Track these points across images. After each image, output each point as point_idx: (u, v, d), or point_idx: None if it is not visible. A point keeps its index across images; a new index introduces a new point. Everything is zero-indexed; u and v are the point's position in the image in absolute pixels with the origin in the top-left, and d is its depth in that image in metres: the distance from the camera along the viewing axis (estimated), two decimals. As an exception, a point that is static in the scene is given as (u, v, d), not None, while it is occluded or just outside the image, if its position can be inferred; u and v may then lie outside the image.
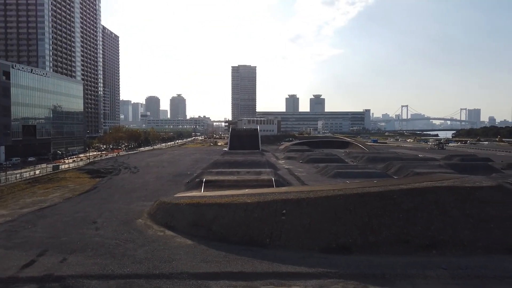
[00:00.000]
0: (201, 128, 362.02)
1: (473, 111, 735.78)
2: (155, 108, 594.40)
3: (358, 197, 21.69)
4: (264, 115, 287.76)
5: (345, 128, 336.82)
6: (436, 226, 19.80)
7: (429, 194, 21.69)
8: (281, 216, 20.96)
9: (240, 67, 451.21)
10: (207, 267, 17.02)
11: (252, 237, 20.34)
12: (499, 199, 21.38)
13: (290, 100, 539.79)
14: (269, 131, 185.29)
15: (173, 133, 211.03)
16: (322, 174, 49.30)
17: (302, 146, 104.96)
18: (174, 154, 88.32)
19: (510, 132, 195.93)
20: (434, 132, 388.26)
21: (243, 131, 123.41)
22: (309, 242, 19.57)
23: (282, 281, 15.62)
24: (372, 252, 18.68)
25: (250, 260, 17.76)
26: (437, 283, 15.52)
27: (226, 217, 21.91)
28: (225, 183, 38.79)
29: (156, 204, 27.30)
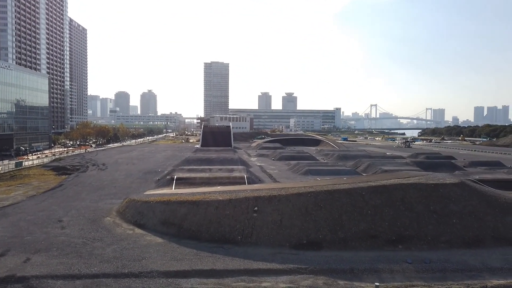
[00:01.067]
0: (172, 124, 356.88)
1: (438, 111, 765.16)
2: (125, 104, 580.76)
3: (329, 194, 22.09)
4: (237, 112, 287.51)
5: (316, 126, 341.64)
6: (402, 221, 20.48)
7: (396, 191, 22.40)
8: (253, 213, 21.05)
9: (213, 64, 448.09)
10: (178, 265, 16.86)
11: (223, 235, 20.31)
12: (460, 196, 22.37)
13: (263, 97, 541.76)
14: (242, 128, 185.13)
15: (144, 129, 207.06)
16: (294, 172, 49.83)
17: (274, 143, 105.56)
18: (144, 151, 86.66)
19: (472, 132, 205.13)
20: (401, 131, 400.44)
21: (215, 128, 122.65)
22: (280, 238, 19.76)
23: (253, 278, 15.71)
24: (342, 248, 19.10)
25: (221, 258, 17.74)
26: (402, 277, 16.07)
27: (197, 214, 21.76)
28: (196, 180, 38.47)
29: (125, 202, 26.73)
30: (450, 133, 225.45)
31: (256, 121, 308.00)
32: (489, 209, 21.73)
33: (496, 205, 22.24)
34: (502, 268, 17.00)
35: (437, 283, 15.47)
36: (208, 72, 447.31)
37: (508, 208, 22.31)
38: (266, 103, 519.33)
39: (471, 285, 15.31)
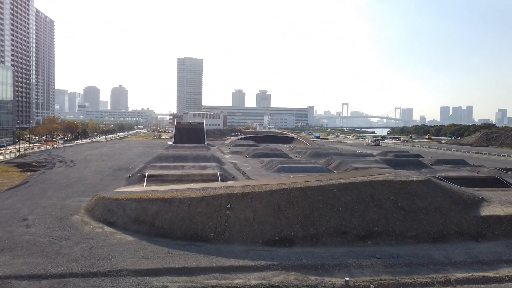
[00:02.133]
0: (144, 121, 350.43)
1: (406, 111, 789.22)
2: (95, 99, 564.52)
3: (301, 191, 22.36)
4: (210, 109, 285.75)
5: (289, 124, 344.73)
6: (371, 217, 21.02)
7: (366, 187, 22.95)
8: (226, 211, 21.01)
9: (186, 60, 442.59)
10: (149, 263, 16.60)
11: (196, 232, 20.17)
12: (427, 193, 23.20)
13: (237, 94, 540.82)
14: (215, 125, 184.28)
15: (114, 125, 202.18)
16: (267, 169, 50.07)
17: (248, 141, 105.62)
18: (114, 148, 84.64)
19: (438, 131, 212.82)
20: (371, 129, 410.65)
21: (188, 125, 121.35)
22: (253, 235, 19.83)
23: (225, 275, 15.70)
24: (313, 244, 19.39)
25: (193, 255, 17.62)
26: (371, 272, 16.52)
27: (169, 212, 21.49)
28: (169, 177, 37.95)
29: (95, 200, 26.04)
30: (418, 132, 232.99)
31: (230, 118, 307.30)
32: (453, 205, 22.65)
33: (459, 202, 23.22)
34: (465, 262, 17.77)
35: (404, 277, 15.99)
36: (181, 68, 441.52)
37: (471, 204, 23.34)
38: (240, 100, 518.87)
39: (435, 278, 15.92)
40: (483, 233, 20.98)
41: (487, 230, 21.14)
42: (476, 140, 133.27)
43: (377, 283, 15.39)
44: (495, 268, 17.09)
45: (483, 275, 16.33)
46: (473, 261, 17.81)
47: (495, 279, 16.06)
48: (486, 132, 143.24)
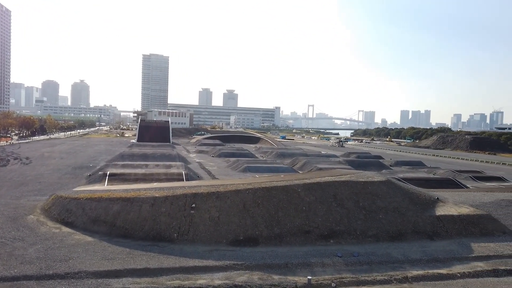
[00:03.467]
0: (106, 118, 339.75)
1: (369, 113, 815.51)
2: (54, 94, 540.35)
3: (266, 191, 22.49)
4: (176, 108, 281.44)
5: (256, 124, 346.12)
6: (334, 217, 21.50)
7: (329, 188, 23.45)
8: (191, 210, 20.76)
9: (152, 56, 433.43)
10: (109, 264, 16.10)
11: (159, 232, 19.79)
12: (386, 193, 24.03)
13: (204, 93, 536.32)
14: (181, 124, 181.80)
15: (74, 122, 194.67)
16: (233, 169, 49.98)
17: (214, 140, 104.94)
18: (74, 145, 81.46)
19: (398, 133, 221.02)
20: (335, 131, 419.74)
21: (153, 123, 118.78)
22: (217, 235, 19.72)
23: (188, 276, 15.52)
24: (277, 243, 19.56)
25: (156, 256, 17.27)
26: (333, 270, 16.90)
27: (131, 212, 20.94)
28: (131, 176, 37.00)
29: (52, 199, 24.92)
30: (379, 134, 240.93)
31: (196, 117, 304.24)
32: (411, 205, 23.60)
33: (417, 202, 24.23)
34: (421, 259, 18.57)
35: (363, 275, 16.48)
36: (147, 65, 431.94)
37: (427, 204, 24.43)
38: (207, 99, 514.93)
39: (393, 276, 16.52)
40: (438, 232, 22.00)
41: (442, 229, 22.20)
42: (433, 143, 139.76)
43: (338, 281, 15.76)
44: (448, 266, 17.97)
45: (437, 272, 17.13)
46: (428, 259, 18.64)
47: (448, 276, 16.89)
48: (442, 135, 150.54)
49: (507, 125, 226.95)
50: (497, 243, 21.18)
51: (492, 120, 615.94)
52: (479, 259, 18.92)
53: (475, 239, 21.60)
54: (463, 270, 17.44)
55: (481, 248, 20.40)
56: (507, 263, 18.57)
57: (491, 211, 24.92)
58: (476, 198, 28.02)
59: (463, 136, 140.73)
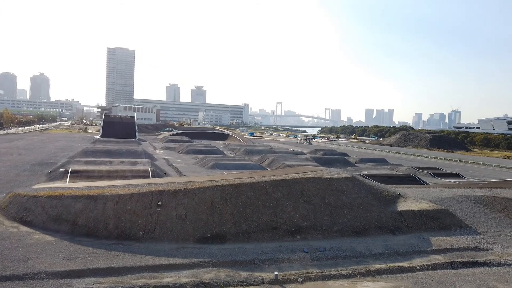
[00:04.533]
0: (68, 112, 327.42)
1: (335, 111, 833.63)
2: (11, 87, 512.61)
3: (234, 188, 22.47)
4: (143, 103, 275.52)
5: (225, 120, 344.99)
6: (300, 213, 21.82)
7: (296, 184, 23.76)
8: (157, 208, 20.40)
9: (117, 49, 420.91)
10: (71, 264, 15.54)
11: (124, 231, 19.30)
12: (351, 189, 24.66)
13: (171, 89, 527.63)
14: (148, 119, 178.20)
15: (34, 116, 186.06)
16: (201, 165, 49.58)
17: (181, 136, 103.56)
18: (34, 140, 77.85)
19: (363, 131, 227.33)
20: (303, 128, 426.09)
21: (118, 118, 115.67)
22: (184, 233, 19.51)
23: (154, 274, 15.26)
24: (245, 240, 19.62)
25: (120, 255, 16.85)
26: (299, 265, 17.17)
27: (94, 210, 20.29)
28: (95, 173, 35.85)
29: (9, 197, 23.68)
30: (345, 132, 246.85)
31: (163, 113, 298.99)
32: (374, 201, 24.36)
33: (380, 198, 25.04)
34: (383, 253, 19.23)
35: (329, 269, 16.86)
36: (112, 58, 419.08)
37: (389, 200, 25.30)
38: (175, 95, 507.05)
39: (357, 269, 17.01)
40: (399, 226, 22.84)
41: (403, 224, 23.07)
42: (396, 141, 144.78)
43: (305, 276, 16.03)
44: (409, 259, 18.72)
45: (399, 265, 17.81)
46: (390, 253, 19.32)
47: (408, 268, 17.60)
48: (404, 133, 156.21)
49: (464, 124, 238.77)
50: (454, 237, 22.28)
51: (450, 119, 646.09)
52: (438, 252, 19.84)
53: (433, 233, 22.62)
54: (422, 263, 18.22)
55: (439, 241, 21.39)
56: (463, 255, 19.59)
57: (448, 206, 26.18)
58: (435, 194, 29.33)
59: (424, 135, 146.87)
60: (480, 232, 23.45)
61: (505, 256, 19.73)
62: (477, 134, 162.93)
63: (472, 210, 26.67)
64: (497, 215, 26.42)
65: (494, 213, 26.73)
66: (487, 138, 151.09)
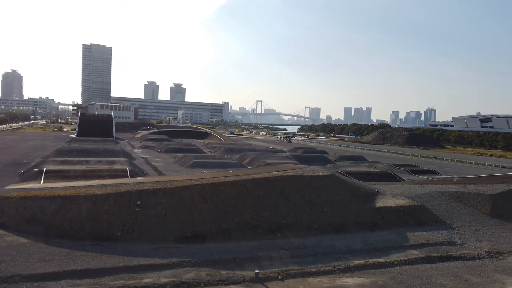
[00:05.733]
0: (43, 111, 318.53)
1: (315, 110, 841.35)
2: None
3: (214, 187, 22.36)
4: (120, 101, 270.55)
5: (204, 119, 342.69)
6: (281, 211, 21.91)
7: (277, 182, 23.85)
8: (136, 208, 20.07)
9: (93, 46, 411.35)
10: (46, 267, 15.11)
11: (101, 231, 18.91)
12: (331, 186, 24.94)
13: (149, 87, 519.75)
14: (125, 118, 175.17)
15: (6, 115, 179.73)
16: (180, 164, 49.12)
17: (160, 135, 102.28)
18: (6, 140, 75.30)
19: (342, 129, 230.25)
20: (283, 126, 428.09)
21: (94, 117, 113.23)
22: (164, 232, 19.28)
23: (133, 275, 15.01)
24: (225, 239, 19.55)
25: (98, 256, 16.50)
26: (280, 263, 17.24)
27: (71, 210, 19.79)
28: (71, 173, 34.98)
29: (-21, 198, 22.80)
30: (324, 130, 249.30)
31: (142, 111, 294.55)
32: (353, 198, 24.72)
33: (358, 194, 25.43)
34: (362, 249, 19.54)
35: (309, 266, 17.00)
36: (88, 55, 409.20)
37: (368, 196, 25.73)
38: (153, 93, 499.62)
39: (337, 266, 17.23)
40: (377, 222, 23.27)
41: (381, 220, 23.51)
42: (374, 138, 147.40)
43: (285, 273, 16.12)
44: (386, 254, 19.09)
45: (377, 261, 18.14)
46: (368, 249, 19.66)
47: (386, 264, 17.95)
48: (382, 131, 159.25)
49: (439, 122, 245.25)
50: (430, 232, 22.87)
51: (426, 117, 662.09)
52: (414, 247, 20.31)
53: (410, 229, 23.15)
54: (399, 258, 18.62)
55: (415, 237, 21.91)
56: (438, 250, 20.13)
57: (424, 202, 26.84)
58: (411, 190, 30.01)
59: (401, 132, 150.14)
60: (454, 227, 24.16)
61: (478, 250, 20.40)
62: (451, 132, 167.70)
63: (447, 205, 27.43)
64: (470, 210, 27.28)
65: (468, 208, 27.58)
66: (461, 136, 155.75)
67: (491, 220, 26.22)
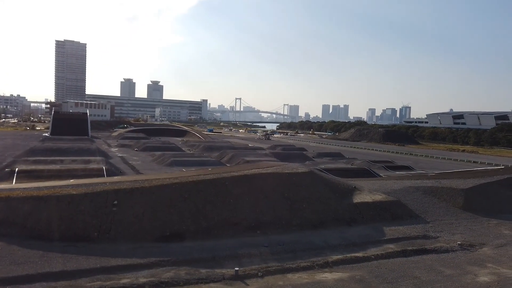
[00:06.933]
0: (14, 109, 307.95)
1: (293, 107, 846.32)
2: None
3: (193, 185, 22.20)
4: (96, 99, 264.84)
5: (183, 116, 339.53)
6: (260, 208, 21.98)
7: (256, 180, 23.90)
8: (112, 207, 19.70)
9: (67, 43, 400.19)
10: (20, 269, 14.64)
11: (77, 232, 18.47)
12: (310, 183, 25.19)
13: (126, 84, 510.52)
14: (101, 116, 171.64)
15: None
16: (159, 163, 48.53)
17: (138, 133, 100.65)
18: (-25, 139, 72.46)
19: (320, 127, 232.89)
20: (262, 124, 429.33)
21: (69, 115, 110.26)
22: (142, 232, 19.02)
23: (110, 276, 14.75)
24: (205, 237, 19.47)
25: (74, 257, 16.12)
26: (260, 260, 17.30)
27: (45, 211, 19.23)
28: (44, 173, 34.02)
29: None
30: (303, 127, 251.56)
31: (118, 109, 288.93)
32: (331, 194, 25.05)
33: (336, 191, 25.80)
34: (340, 244, 19.84)
35: (288, 262, 17.14)
36: (61, 52, 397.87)
37: (346, 192, 26.13)
38: (130, 91, 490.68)
39: (315, 261, 17.43)
40: (355, 218, 23.67)
41: (358, 216, 23.93)
42: (351, 135, 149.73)
43: (265, 270, 16.19)
44: (364, 249, 19.45)
45: (355, 255, 18.46)
46: (346, 244, 19.98)
47: (364, 258, 18.29)
48: (359, 128, 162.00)
49: (413, 119, 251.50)
50: (405, 226, 23.45)
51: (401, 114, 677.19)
52: (390, 242, 20.79)
53: (387, 223, 23.67)
54: (376, 252, 19.01)
55: (392, 231, 22.42)
56: (413, 243, 20.67)
57: (400, 197, 27.50)
58: (388, 186, 30.68)
59: (377, 129, 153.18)
60: (429, 221, 24.86)
61: (451, 243, 21.07)
62: (425, 128, 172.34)
63: (421, 200, 28.19)
64: (444, 205, 28.14)
65: (441, 202, 28.44)
66: (434, 132, 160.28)
67: (464, 213, 27.13)
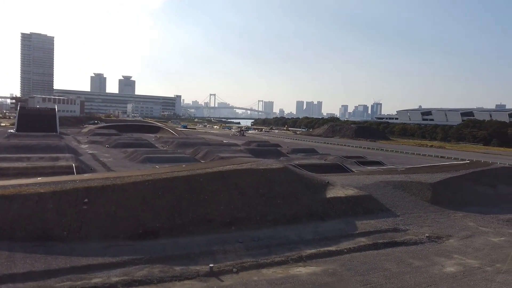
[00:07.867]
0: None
1: (268, 103, 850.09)
2: None
3: (167, 182, 21.92)
4: (64, 94, 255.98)
5: (156, 112, 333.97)
6: (235, 204, 21.98)
7: (231, 176, 23.86)
8: (83, 206, 19.16)
9: (33, 35, 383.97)
10: (-17, 272, 14.04)
11: (45, 231, 17.86)
12: (284, 179, 25.40)
13: (96, 79, 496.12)
14: (70, 112, 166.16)
15: None
16: (131, 160, 47.59)
17: (109, 129, 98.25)
18: None
19: (294, 123, 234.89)
20: (237, 120, 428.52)
21: (36, 111, 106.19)
22: (114, 230, 18.62)
23: (82, 275, 14.38)
24: (179, 234, 19.28)
25: (42, 257, 15.59)
26: (235, 256, 17.33)
27: (11, 210, 18.47)
28: (10, 171, 32.68)
29: None
30: (277, 123, 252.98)
31: (88, 104, 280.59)
32: (305, 190, 25.36)
33: (310, 186, 26.14)
34: (314, 239, 20.15)
35: (263, 258, 17.25)
36: (27, 45, 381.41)
37: (319, 188, 26.52)
38: (100, 86, 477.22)
39: (290, 256, 17.64)
40: (328, 213, 24.08)
41: (331, 210, 24.36)
42: (324, 131, 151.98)
43: (240, 266, 16.24)
44: (337, 243, 19.84)
45: (328, 249, 18.80)
46: (320, 238, 20.32)
47: (337, 252, 18.66)
48: (332, 124, 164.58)
49: (384, 116, 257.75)
50: (377, 220, 24.08)
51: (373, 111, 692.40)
52: (362, 235, 21.30)
53: (359, 217, 24.23)
54: (349, 246, 19.44)
55: (363, 225, 22.96)
56: (384, 237, 21.26)
57: (371, 192, 28.18)
58: (360, 181, 31.36)
59: (349, 125, 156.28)
60: (399, 215, 25.63)
61: (420, 236, 21.81)
62: (396, 125, 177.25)
63: (392, 194, 29.01)
64: (413, 198, 29.07)
65: (411, 196, 29.37)
66: (404, 128, 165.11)
67: (432, 207, 28.14)
